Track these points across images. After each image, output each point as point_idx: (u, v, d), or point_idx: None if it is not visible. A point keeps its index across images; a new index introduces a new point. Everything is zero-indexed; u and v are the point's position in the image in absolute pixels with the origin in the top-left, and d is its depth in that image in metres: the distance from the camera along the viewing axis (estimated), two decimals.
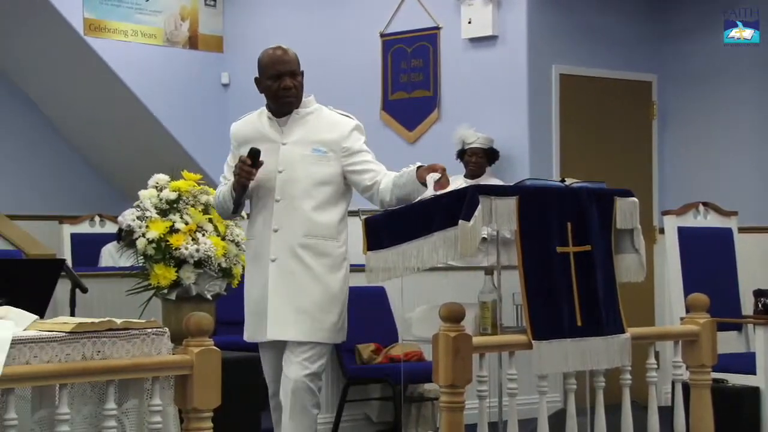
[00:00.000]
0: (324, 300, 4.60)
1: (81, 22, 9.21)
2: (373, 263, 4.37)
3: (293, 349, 4.56)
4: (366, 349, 6.58)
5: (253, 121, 4.74)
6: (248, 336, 4.73)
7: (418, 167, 4.57)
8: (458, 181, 7.74)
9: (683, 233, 6.71)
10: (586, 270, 4.36)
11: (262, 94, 4.74)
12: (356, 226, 4.50)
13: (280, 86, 4.62)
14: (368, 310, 6.70)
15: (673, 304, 6.63)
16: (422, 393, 6.78)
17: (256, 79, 4.71)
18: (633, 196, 4.59)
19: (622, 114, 8.62)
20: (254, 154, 4.55)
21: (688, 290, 6.00)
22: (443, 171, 4.46)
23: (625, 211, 4.53)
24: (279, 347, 4.64)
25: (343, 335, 4.71)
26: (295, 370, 4.53)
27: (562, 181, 4.74)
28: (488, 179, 7.84)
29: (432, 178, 4.42)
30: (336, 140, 4.65)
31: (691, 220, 6.82)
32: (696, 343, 4.62)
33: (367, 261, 4.39)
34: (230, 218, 4.98)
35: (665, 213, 6.91)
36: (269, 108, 4.72)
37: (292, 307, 4.57)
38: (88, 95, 9.76)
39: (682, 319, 4.87)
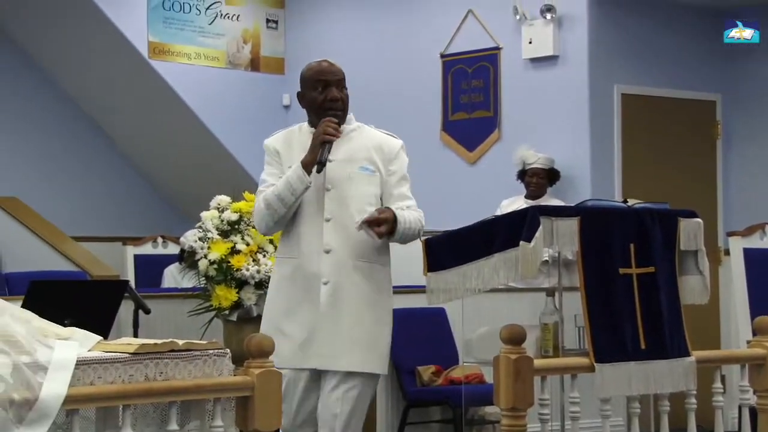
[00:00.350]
0: (376, 327, 4.26)
1: (146, 46, 9.33)
2: (434, 284, 4.35)
3: (341, 380, 4.20)
4: (426, 371, 6.55)
5: (293, 136, 4.41)
6: (283, 361, 4.03)
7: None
8: (518, 202, 7.72)
9: (749, 255, 6.62)
10: (650, 292, 4.32)
11: (305, 110, 4.42)
12: (416, 248, 4.49)
13: (327, 97, 4.30)
14: (428, 332, 6.68)
15: (739, 326, 6.54)
16: (483, 416, 6.73)
17: (298, 93, 4.41)
18: (697, 216, 4.54)
19: (686, 134, 8.54)
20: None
21: (754, 313, 5.91)
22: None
23: (689, 232, 4.48)
24: (313, 376, 4.27)
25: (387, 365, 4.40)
26: (342, 404, 4.18)
27: (625, 201, 4.71)
28: (549, 200, 7.79)
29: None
30: (383, 160, 4.34)
31: (757, 242, 6.73)
32: (763, 367, 4.55)
33: (428, 282, 4.37)
34: (282, 217, 4.30)
35: (730, 234, 6.82)
36: (312, 123, 4.36)
37: (345, 334, 4.21)
38: (151, 117, 9.87)
39: (748, 342, 4.78)
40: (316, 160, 4.20)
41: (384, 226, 4.18)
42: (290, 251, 4.32)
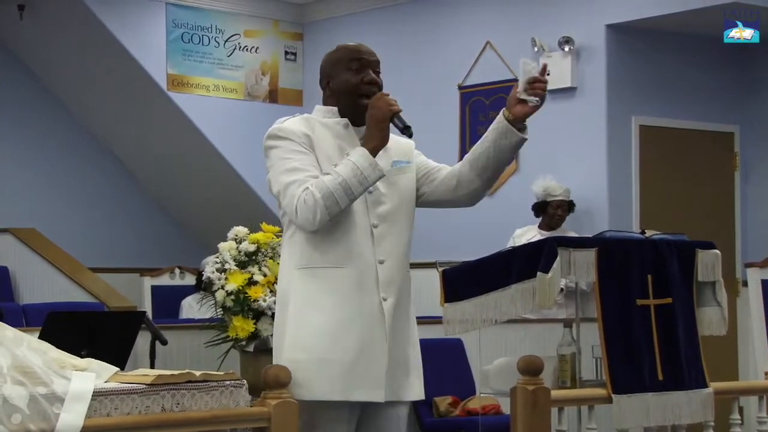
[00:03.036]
0: (418, 347, 3.74)
1: (164, 78, 9.38)
2: (451, 315, 4.34)
3: (400, 412, 3.66)
4: (443, 402, 6.53)
5: (313, 125, 3.72)
6: (331, 392, 3.52)
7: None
8: (532, 232, 7.71)
9: (767, 286, 6.60)
10: (667, 323, 4.31)
11: (332, 98, 3.77)
12: (433, 278, 4.48)
13: (364, 79, 3.66)
14: (445, 363, 6.66)
15: (757, 357, 6.51)
16: None
17: (323, 79, 3.80)
18: (715, 248, 4.53)
19: (704, 165, 8.53)
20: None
21: None
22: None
23: (707, 263, 4.47)
24: (355, 409, 3.61)
25: None
26: None
27: (642, 232, 4.70)
28: (566, 231, 7.79)
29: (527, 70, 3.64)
30: (406, 153, 3.77)
31: None
32: None
33: (444, 313, 4.37)
34: (338, 214, 3.55)
35: (748, 265, 6.79)
36: (343, 113, 3.70)
37: (409, 359, 3.65)
38: (170, 149, 9.91)
39: (766, 373, 4.77)
40: (381, 143, 3.54)
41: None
42: (333, 259, 3.57)
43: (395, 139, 3.74)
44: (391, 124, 3.64)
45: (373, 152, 3.52)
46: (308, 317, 3.55)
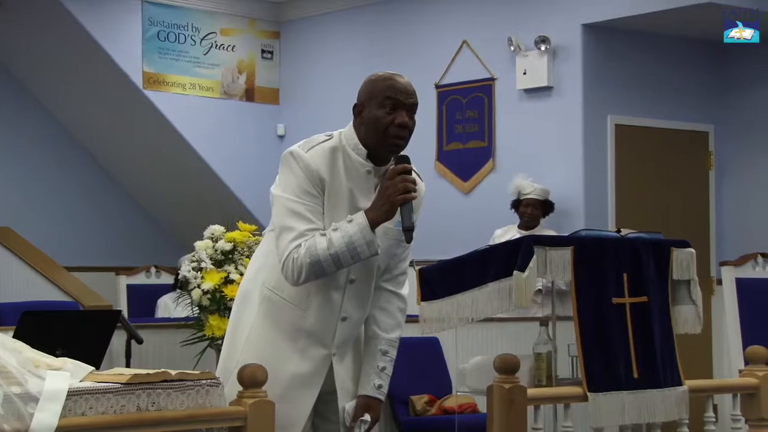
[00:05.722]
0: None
1: (140, 76, 9.36)
2: (427, 314, 4.35)
3: None
4: (419, 401, 6.54)
5: (336, 159, 3.47)
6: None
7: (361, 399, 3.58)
8: (511, 232, 7.73)
9: (741, 284, 6.62)
10: (643, 321, 4.32)
11: (360, 123, 3.53)
12: (410, 277, 4.48)
13: (395, 121, 3.49)
14: (422, 361, 6.67)
15: (731, 356, 6.54)
16: None
17: (356, 105, 3.54)
18: (690, 246, 4.55)
19: (679, 164, 8.57)
20: (406, 161, 3.48)
21: (746, 342, 5.92)
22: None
23: (682, 261, 4.49)
24: None
25: None
26: None
27: (618, 231, 4.71)
28: (542, 231, 7.80)
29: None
30: (417, 209, 3.51)
31: (749, 271, 6.74)
32: (755, 397, 4.55)
33: (421, 311, 4.38)
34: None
35: (723, 264, 6.82)
36: (371, 155, 3.49)
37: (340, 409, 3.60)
38: (145, 147, 9.88)
39: (740, 371, 4.79)
40: (385, 220, 3.39)
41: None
42: (298, 299, 3.48)
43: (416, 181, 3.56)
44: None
45: (374, 224, 3.36)
46: (255, 341, 3.53)
